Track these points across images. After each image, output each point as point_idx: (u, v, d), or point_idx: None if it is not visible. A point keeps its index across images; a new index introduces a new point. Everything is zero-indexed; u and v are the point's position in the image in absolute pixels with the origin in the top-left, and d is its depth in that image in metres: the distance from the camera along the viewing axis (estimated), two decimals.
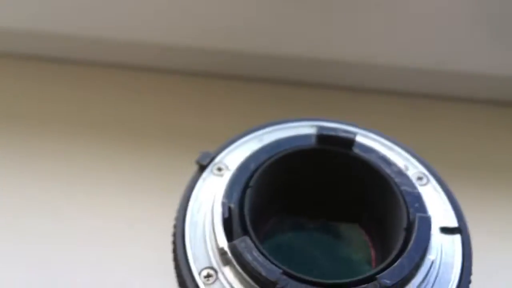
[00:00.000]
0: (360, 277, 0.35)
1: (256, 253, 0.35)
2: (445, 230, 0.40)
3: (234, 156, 0.43)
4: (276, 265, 0.35)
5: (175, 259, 0.39)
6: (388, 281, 0.34)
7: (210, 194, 0.41)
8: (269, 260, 0.35)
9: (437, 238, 0.39)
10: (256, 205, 0.41)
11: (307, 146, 0.42)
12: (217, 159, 0.44)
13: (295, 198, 0.43)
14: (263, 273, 0.34)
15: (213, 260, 0.38)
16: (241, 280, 0.36)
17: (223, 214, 0.38)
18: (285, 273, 0.35)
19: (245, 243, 0.36)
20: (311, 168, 0.42)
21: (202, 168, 0.43)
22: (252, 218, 0.40)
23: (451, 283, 0.37)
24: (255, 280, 0.35)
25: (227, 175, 0.42)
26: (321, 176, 0.43)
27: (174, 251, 0.39)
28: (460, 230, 0.40)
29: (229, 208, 0.38)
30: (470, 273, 0.38)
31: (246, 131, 0.46)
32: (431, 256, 0.37)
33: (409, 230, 0.37)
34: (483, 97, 0.83)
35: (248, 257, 0.35)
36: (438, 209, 0.41)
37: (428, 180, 0.43)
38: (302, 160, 0.42)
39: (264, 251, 0.36)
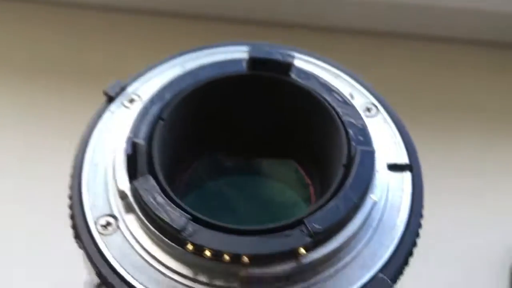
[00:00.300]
0: (286, 222, 0.29)
1: (160, 196, 0.29)
2: (393, 167, 0.34)
3: (150, 86, 0.36)
4: (183, 210, 0.29)
5: (70, 207, 0.33)
6: (318, 226, 0.28)
7: (118, 130, 0.34)
8: (176, 204, 0.29)
9: (383, 176, 0.33)
10: (171, 143, 0.34)
11: (235, 72, 0.35)
12: (130, 89, 0.36)
13: (220, 135, 0.36)
14: (166, 219, 0.28)
15: (114, 206, 0.32)
16: (145, 229, 0.30)
17: (126, 150, 0.31)
18: (194, 219, 0.28)
19: (148, 184, 0.29)
20: (239, 99, 0.35)
21: (110, 99, 0.36)
22: (165, 157, 0.33)
23: (397, 228, 0.31)
24: (160, 228, 0.29)
25: (139, 107, 0.35)
26: (251, 108, 0.36)
27: (70, 197, 0.33)
28: (411, 167, 0.34)
29: (134, 144, 0.31)
30: (420, 216, 0.32)
31: (167, 57, 0.39)
32: (373, 196, 0.31)
33: (348, 166, 0.31)
34: (458, 36, 0.78)
35: (150, 199, 0.29)
36: (387, 144, 0.35)
37: (377, 111, 0.37)
38: (228, 89, 0.35)
39: (171, 194, 0.30)
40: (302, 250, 0.28)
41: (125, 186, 0.31)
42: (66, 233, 0.33)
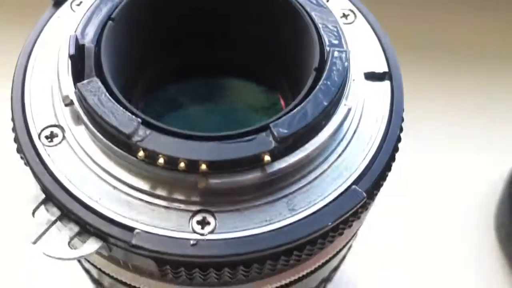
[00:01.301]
0: (251, 127, 0.26)
1: (107, 99, 0.26)
2: (371, 76, 0.30)
3: None
4: (133, 114, 0.26)
5: (12, 119, 0.29)
6: (284, 130, 0.25)
7: (65, 35, 0.30)
8: (125, 108, 0.26)
9: (359, 85, 0.30)
10: (125, 49, 0.31)
11: None
12: None
13: (179, 41, 0.33)
14: (114, 123, 0.25)
15: (61, 116, 0.28)
16: (93, 138, 0.27)
17: (69, 50, 0.27)
18: (145, 123, 0.25)
19: (94, 86, 0.26)
20: (198, 3, 0.31)
21: (57, 3, 0.32)
22: (119, 64, 0.30)
23: (374, 139, 0.29)
24: (108, 135, 0.26)
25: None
26: (214, 10, 0.32)
27: (12, 108, 0.30)
28: (390, 75, 0.31)
29: (79, 44, 0.28)
30: (399, 128, 0.29)
31: None
32: (347, 102, 0.28)
33: (320, 69, 0.28)
34: None
35: (94, 102, 0.25)
36: (365, 52, 0.32)
37: (355, 18, 0.33)
38: None
39: (120, 96, 0.26)
40: (267, 157, 0.25)
41: (70, 91, 0.27)
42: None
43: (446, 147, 0.64)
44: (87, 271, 0.36)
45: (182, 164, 0.25)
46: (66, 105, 0.27)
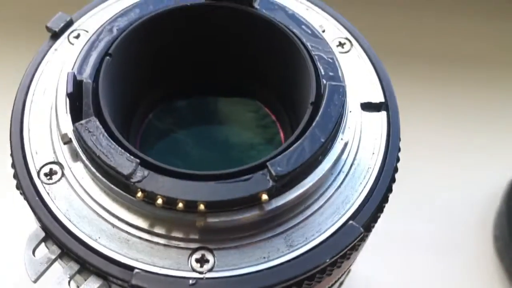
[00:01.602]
0: (246, 166, 0.26)
1: (105, 139, 0.26)
2: (368, 107, 0.31)
3: (99, 20, 0.32)
4: (132, 154, 0.26)
5: (11, 155, 0.30)
6: (281, 169, 0.25)
7: (63, 69, 0.30)
8: (124, 148, 0.26)
9: (356, 117, 0.30)
10: (121, 82, 0.31)
11: (193, 2, 0.31)
12: (77, 24, 0.33)
13: (176, 73, 0.33)
14: (112, 164, 0.25)
15: (59, 153, 0.28)
16: (92, 176, 0.27)
17: (67, 88, 0.27)
18: (143, 163, 0.26)
19: (92, 125, 0.26)
20: (196, 32, 0.32)
21: (54, 35, 0.32)
22: (116, 98, 0.30)
23: (370, 172, 0.29)
24: (107, 175, 0.26)
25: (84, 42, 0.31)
26: (210, 41, 0.32)
27: (11, 144, 0.30)
28: (387, 106, 0.31)
29: (76, 81, 0.28)
30: (395, 159, 0.29)
31: None
32: (344, 136, 0.28)
33: (317, 103, 0.28)
34: None
35: (92, 142, 0.25)
36: (361, 82, 0.32)
37: (351, 47, 0.33)
38: (184, 21, 0.31)
39: (119, 136, 0.26)
40: (265, 196, 0.25)
41: (69, 129, 0.28)
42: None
43: (444, 159, 0.65)
44: None
45: (180, 205, 0.25)
46: (64, 143, 0.28)
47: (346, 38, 0.34)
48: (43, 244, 0.27)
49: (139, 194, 0.25)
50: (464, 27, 0.71)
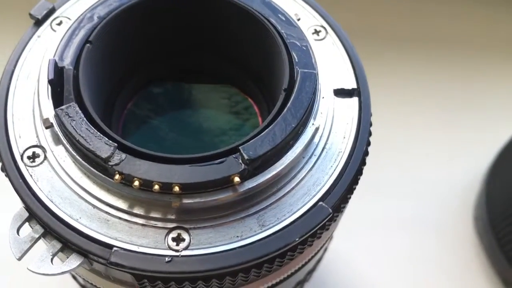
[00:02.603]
0: (219, 150, 0.27)
1: (84, 124, 0.27)
2: (340, 93, 0.32)
3: (81, 7, 0.33)
4: (111, 138, 0.27)
5: None
6: (252, 153, 0.26)
7: (45, 55, 0.31)
8: (103, 132, 0.27)
9: (328, 102, 0.31)
10: (102, 68, 0.32)
11: None
12: (59, 11, 0.33)
13: (155, 60, 0.34)
14: (91, 148, 0.26)
15: (42, 137, 0.29)
16: (73, 159, 0.28)
17: (48, 74, 0.28)
18: (121, 147, 0.27)
19: (72, 111, 0.27)
20: (173, 19, 0.33)
21: (37, 22, 0.33)
22: (97, 84, 0.31)
23: (341, 155, 0.30)
24: (86, 158, 0.27)
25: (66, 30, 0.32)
26: (187, 28, 0.33)
27: None
28: (359, 92, 0.32)
29: (58, 68, 0.29)
30: (366, 143, 0.31)
31: None
32: (315, 122, 0.29)
33: (289, 90, 0.29)
34: None
35: (72, 127, 0.27)
36: (335, 68, 0.33)
37: (326, 34, 0.34)
38: (161, 8, 0.32)
39: (98, 121, 0.28)
40: (237, 179, 0.27)
41: (50, 114, 0.29)
42: None
43: (427, 142, 0.66)
44: (73, 277, 0.38)
45: (156, 187, 0.26)
46: (46, 127, 0.29)
47: (322, 26, 0.34)
48: (27, 223, 0.29)
49: (117, 176, 0.26)
50: (448, 10, 0.72)
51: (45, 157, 0.29)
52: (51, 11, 0.33)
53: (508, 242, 0.56)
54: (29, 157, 0.29)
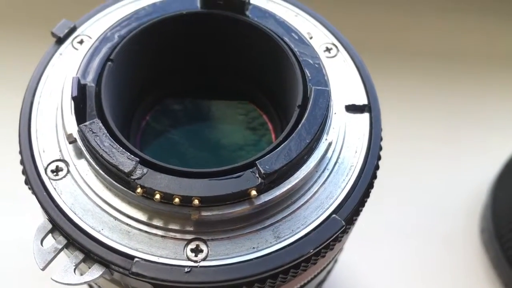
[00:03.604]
0: (237, 164, 0.28)
1: (107, 139, 0.28)
2: (352, 108, 0.33)
3: (101, 26, 0.34)
4: (132, 153, 0.28)
5: (20, 153, 0.32)
6: (268, 167, 0.28)
7: (67, 73, 0.32)
8: (125, 147, 0.28)
9: (340, 118, 0.32)
10: (123, 85, 0.33)
11: (188, 10, 0.33)
12: (80, 30, 0.35)
13: (173, 77, 0.35)
14: (114, 162, 0.27)
15: (65, 151, 0.31)
16: (95, 173, 0.30)
17: (72, 91, 0.30)
18: (143, 162, 0.28)
19: (95, 127, 0.28)
20: (191, 38, 0.34)
21: (59, 41, 0.34)
22: (118, 100, 0.32)
23: (353, 169, 0.31)
24: (109, 172, 0.28)
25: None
26: (205, 47, 0.35)
27: (19, 142, 0.32)
28: (369, 108, 0.33)
29: (80, 85, 0.30)
30: (377, 158, 0.32)
31: None
32: (328, 137, 0.30)
33: (303, 106, 0.30)
34: None
35: (95, 142, 0.28)
36: (346, 85, 0.34)
37: (337, 52, 0.35)
38: (179, 28, 0.34)
39: (120, 137, 0.29)
40: (254, 192, 0.28)
41: (73, 129, 0.30)
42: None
43: (433, 153, 0.67)
44: (90, 286, 0.39)
45: (176, 200, 0.27)
46: (70, 142, 0.30)
47: (333, 44, 0.36)
48: (50, 235, 0.30)
49: (139, 190, 0.28)
50: (455, 25, 0.73)
51: (68, 171, 0.30)
52: (73, 29, 0.34)
53: None
54: (52, 171, 0.30)
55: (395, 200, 0.63)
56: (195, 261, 0.28)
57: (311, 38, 0.35)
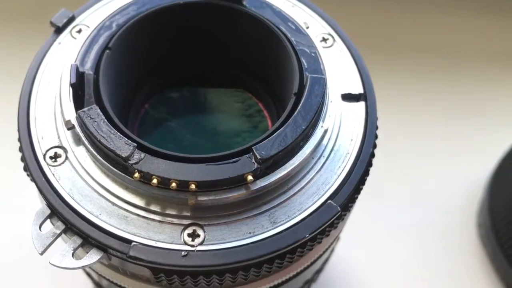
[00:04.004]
0: (233, 150, 0.28)
1: (105, 125, 0.28)
2: (347, 97, 0.33)
3: (99, 15, 0.35)
4: (130, 138, 0.28)
5: (19, 140, 0.32)
6: (264, 153, 0.28)
7: (66, 61, 0.33)
8: (122, 133, 0.29)
9: (336, 106, 0.33)
10: (121, 73, 0.33)
11: (185, 0, 0.34)
12: (78, 19, 0.35)
13: (169, 65, 0.36)
14: (112, 147, 0.28)
15: (63, 138, 0.31)
16: (93, 159, 0.30)
17: (71, 79, 0.30)
18: (140, 147, 0.28)
19: (93, 112, 0.29)
20: (188, 27, 0.34)
21: (57, 30, 0.35)
22: (116, 88, 0.33)
23: (349, 157, 0.31)
24: (107, 157, 0.29)
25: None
26: (202, 36, 0.35)
27: (18, 129, 0.32)
28: (365, 96, 0.33)
29: (80, 73, 0.30)
30: (372, 145, 0.32)
31: None
32: (324, 124, 0.31)
33: (299, 94, 0.31)
34: None
35: (93, 128, 0.28)
36: (342, 74, 0.34)
37: (333, 42, 0.36)
38: (177, 18, 0.34)
39: (118, 122, 0.29)
40: (250, 177, 0.28)
41: (72, 116, 0.30)
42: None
43: (430, 149, 0.67)
44: (88, 274, 0.39)
45: (173, 184, 0.28)
46: (68, 128, 0.30)
47: (329, 34, 0.36)
48: (48, 220, 0.30)
49: (136, 174, 0.28)
50: (449, 21, 0.74)
51: (67, 157, 0.31)
52: (71, 19, 0.35)
53: (511, 247, 0.57)
54: (51, 157, 0.31)
55: (392, 196, 0.63)
56: (192, 246, 0.28)
57: (307, 28, 0.35)
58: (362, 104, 0.34)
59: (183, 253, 0.28)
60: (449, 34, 0.72)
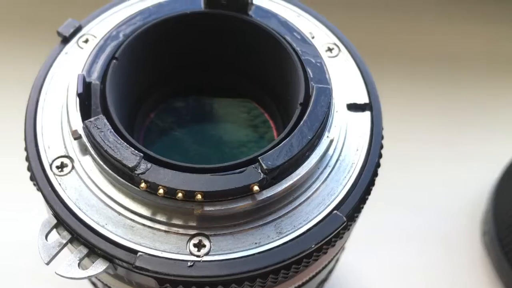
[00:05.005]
0: (239, 160, 0.29)
1: (112, 135, 0.29)
2: (353, 107, 0.33)
3: (106, 26, 0.35)
4: (136, 148, 0.29)
5: (25, 149, 0.32)
6: (270, 163, 0.28)
7: (73, 71, 0.33)
8: (129, 143, 0.29)
9: (342, 116, 0.33)
10: (128, 83, 0.34)
11: (192, 10, 0.34)
12: (85, 29, 0.35)
13: (176, 75, 0.36)
14: (118, 158, 0.28)
15: (70, 147, 0.31)
16: (100, 169, 0.30)
17: (78, 89, 0.30)
18: (147, 157, 0.28)
19: (100, 122, 0.29)
20: (194, 37, 0.35)
21: (65, 40, 0.35)
22: (122, 98, 0.33)
23: (354, 167, 0.31)
24: (113, 167, 0.29)
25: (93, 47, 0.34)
26: (208, 46, 0.35)
27: (25, 139, 0.33)
28: (371, 106, 0.34)
29: (86, 83, 0.30)
30: (378, 156, 0.32)
31: None
32: (330, 134, 0.31)
33: (305, 104, 0.31)
34: None
35: (100, 138, 0.28)
36: (348, 84, 0.34)
37: (339, 52, 0.36)
38: (183, 28, 0.34)
39: (125, 133, 0.29)
40: (256, 187, 0.28)
41: (78, 126, 0.30)
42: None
43: (435, 156, 0.67)
44: (93, 284, 0.39)
45: (180, 194, 0.28)
46: (75, 138, 0.30)
47: (334, 44, 0.36)
48: (54, 230, 0.30)
49: (143, 184, 0.28)
50: (453, 29, 0.74)
51: (73, 167, 0.31)
52: (78, 29, 0.35)
53: None
54: (57, 167, 0.31)
55: (397, 203, 0.63)
56: (198, 256, 0.28)
57: (313, 38, 0.35)
58: (367, 114, 0.34)
59: (189, 263, 0.28)
60: (453, 43, 0.72)
